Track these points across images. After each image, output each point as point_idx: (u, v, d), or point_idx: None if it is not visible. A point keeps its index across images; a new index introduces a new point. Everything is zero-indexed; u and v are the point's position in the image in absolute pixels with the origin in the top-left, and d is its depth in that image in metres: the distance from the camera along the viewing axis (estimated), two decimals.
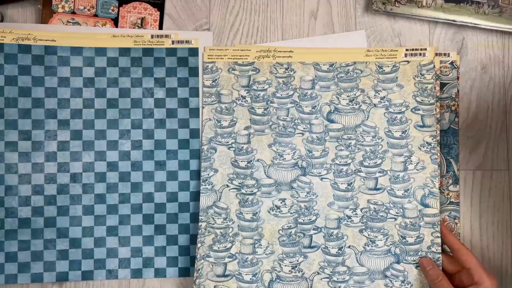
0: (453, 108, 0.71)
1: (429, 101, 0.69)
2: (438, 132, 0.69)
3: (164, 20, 0.72)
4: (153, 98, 0.70)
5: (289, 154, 0.69)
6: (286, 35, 0.73)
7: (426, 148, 0.68)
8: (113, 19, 0.71)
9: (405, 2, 0.71)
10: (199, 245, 0.67)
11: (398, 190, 0.68)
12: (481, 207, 0.72)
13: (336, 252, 0.67)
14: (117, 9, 0.71)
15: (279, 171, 0.69)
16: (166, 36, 0.71)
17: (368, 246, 0.67)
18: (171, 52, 0.71)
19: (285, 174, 0.69)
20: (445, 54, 0.72)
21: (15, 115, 0.68)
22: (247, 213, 0.68)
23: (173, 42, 0.71)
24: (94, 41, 0.70)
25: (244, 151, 0.69)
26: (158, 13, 0.72)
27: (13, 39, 0.69)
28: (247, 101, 0.69)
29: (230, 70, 0.70)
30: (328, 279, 0.67)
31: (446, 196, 0.71)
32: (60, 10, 0.70)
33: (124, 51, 0.70)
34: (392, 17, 0.73)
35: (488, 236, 0.72)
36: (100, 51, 0.70)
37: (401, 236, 0.67)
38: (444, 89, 0.71)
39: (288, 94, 0.70)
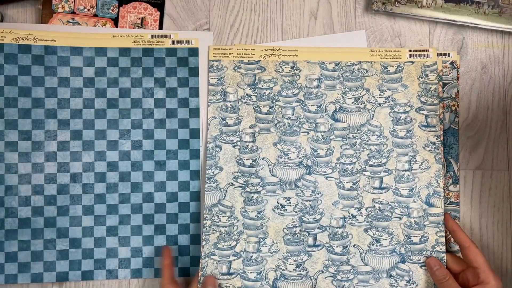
0: (453, 108, 0.71)
1: (433, 102, 0.69)
2: (442, 132, 0.69)
3: (164, 20, 0.72)
4: (153, 98, 0.70)
5: (294, 153, 0.69)
6: (286, 35, 0.73)
7: (431, 148, 0.68)
8: (113, 19, 0.71)
9: (405, 2, 0.71)
10: (203, 243, 0.67)
11: (403, 189, 0.68)
12: (481, 207, 0.72)
13: (341, 251, 0.67)
14: (117, 9, 0.71)
15: (284, 170, 0.69)
16: (166, 36, 0.71)
17: (373, 246, 0.67)
18: (171, 52, 0.71)
19: (290, 173, 0.69)
20: (445, 54, 0.72)
21: (15, 115, 0.68)
22: (251, 212, 0.68)
23: (173, 42, 0.71)
24: (94, 41, 0.70)
25: (249, 149, 0.69)
26: (158, 13, 0.72)
27: (13, 39, 0.69)
28: (252, 99, 0.69)
29: (236, 68, 0.70)
30: (332, 278, 0.67)
31: (446, 196, 0.71)
32: (60, 10, 0.70)
33: (124, 51, 0.70)
34: (392, 17, 0.73)
35: (488, 236, 0.72)
36: (100, 51, 0.70)
37: (406, 236, 0.67)
38: (444, 89, 0.71)
39: (293, 92, 0.70)
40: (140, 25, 0.71)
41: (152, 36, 0.71)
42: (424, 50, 0.70)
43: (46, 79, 0.69)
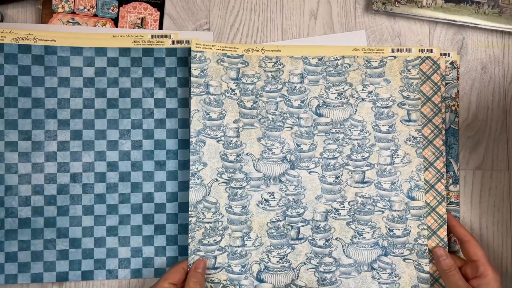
0: (453, 108, 0.71)
1: (414, 96, 0.69)
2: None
3: (164, 20, 0.72)
4: (153, 98, 0.70)
5: (277, 148, 0.69)
6: (286, 35, 0.73)
7: (412, 142, 0.69)
8: (113, 19, 0.71)
9: (405, 2, 0.71)
10: (189, 240, 0.67)
11: (385, 183, 0.68)
12: (481, 207, 0.72)
13: (323, 244, 0.68)
14: (117, 9, 0.71)
15: (268, 165, 0.69)
16: (166, 36, 0.71)
17: (355, 239, 0.68)
18: (171, 52, 0.71)
19: (274, 168, 0.69)
20: (445, 54, 0.72)
21: (15, 115, 0.68)
22: (236, 207, 0.68)
23: (173, 42, 0.71)
24: (94, 41, 0.70)
25: (233, 144, 0.68)
26: (158, 13, 0.72)
27: (13, 39, 0.69)
28: (236, 94, 0.69)
29: (219, 61, 0.69)
30: (314, 270, 0.68)
31: (446, 196, 0.71)
32: (60, 10, 0.70)
33: (124, 51, 0.70)
34: (392, 17, 0.73)
35: (488, 236, 0.72)
36: (100, 51, 0.70)
37: (389, 229, 0.68)
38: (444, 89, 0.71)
39: (277, 88, 0.69)
40: (140, 25, 0.71)
41: (152, 36, 0.71)
42: (406, 49, 0.70)
43: (46, 79, 0.69)
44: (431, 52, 0.70)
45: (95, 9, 0.71)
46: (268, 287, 0.67)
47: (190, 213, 0.67)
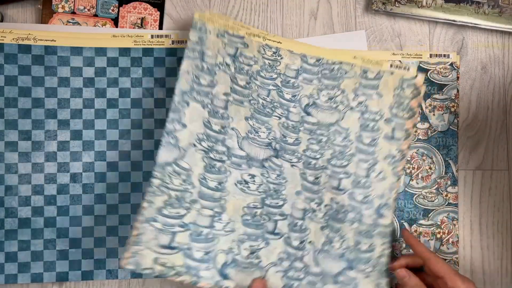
0: (452, 109, 0.71)
1: (403, 115, 0.67)
2: (405, 158, 0.67)
3: (164, 20, 0.72)
4: (153, 98, 0.70)
5: (264, 132, 0.67)
6: (286, 35, 0.73)
7: (390, 160, 0.67)
8: (113, 19, 0.71)
9: (405, 2, 0.71)
10: (145, 204, 0.60)
11: (358, 194, 0.67)
12: (481, 207, 0.72)
13: (297, 245, 0.66)
14: (117, 9, 0.71)
15: (252, 146, 0.67)
16: (166, 36, 0.71)
17: (326, 246, 0.66)
18: (171, 52, 0.71)
19: (258, 151, 0.67)
20: (444, 56, 0.72)
21: (15, 115, 0.68)
22: (211, 180, 0.64)
23: (173, 42, 0.71)
24: (94, 41, 0.70)
25: (220, 115, 0.66)
26: (158, 13, 0.72)
27: (13, 39, 0.69)
28: (230, 69, 0.67)
29: (219, 35, 0.67)
30: (283, 274, 0.65)
31: (445, 198, 0.71)
32: (60, 10, 0.70)
33: (124, 51, 0.70)
34: (392, 17, 0.73)
35: (488, 236, 0.72)
36: (100, 51, 0.70)
37: (356, 242, 0.66)
38: (443, 90, 0.71)
39: (272, 76, 0.68)
40: (140, 25, 0.71)
41: (152, 36, 0.71)
42: (404, 67, 0.68)
43: (46, 79, 0.69)
44: (415, 78, 0.68)
45: (95, 9, 0.71)
46: (230, 286, 0.62)
47: (154, 173, 0.61)
